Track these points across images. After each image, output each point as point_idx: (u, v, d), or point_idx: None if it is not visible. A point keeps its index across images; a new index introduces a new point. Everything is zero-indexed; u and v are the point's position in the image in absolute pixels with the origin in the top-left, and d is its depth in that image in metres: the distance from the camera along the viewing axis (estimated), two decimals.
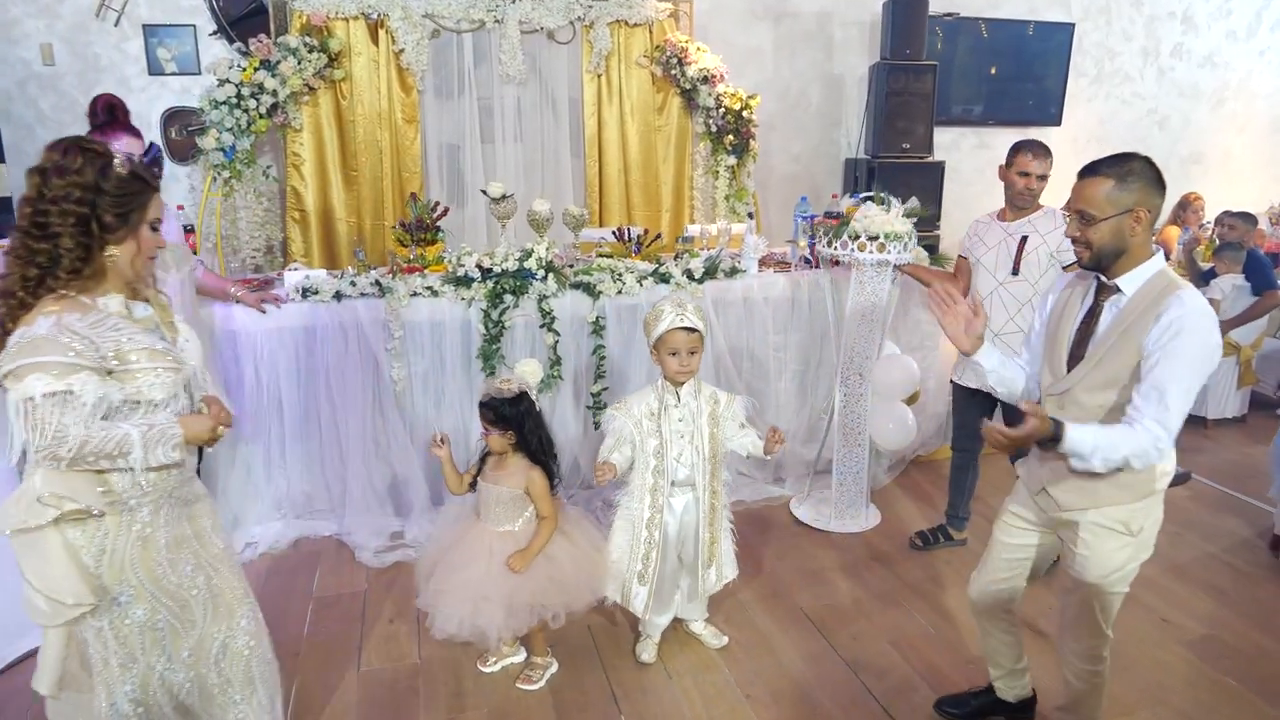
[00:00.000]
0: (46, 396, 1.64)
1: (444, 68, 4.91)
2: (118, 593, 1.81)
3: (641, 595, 2.69)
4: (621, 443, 2.65)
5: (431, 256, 3.78)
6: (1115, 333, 1.98)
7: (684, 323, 2.56)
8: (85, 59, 4.88)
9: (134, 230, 1.80)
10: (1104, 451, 1.88)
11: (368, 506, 3.59)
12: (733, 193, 5.26)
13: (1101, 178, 1.97)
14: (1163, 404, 1.87)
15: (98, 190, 1.74)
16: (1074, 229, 2.01)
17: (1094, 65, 6.47)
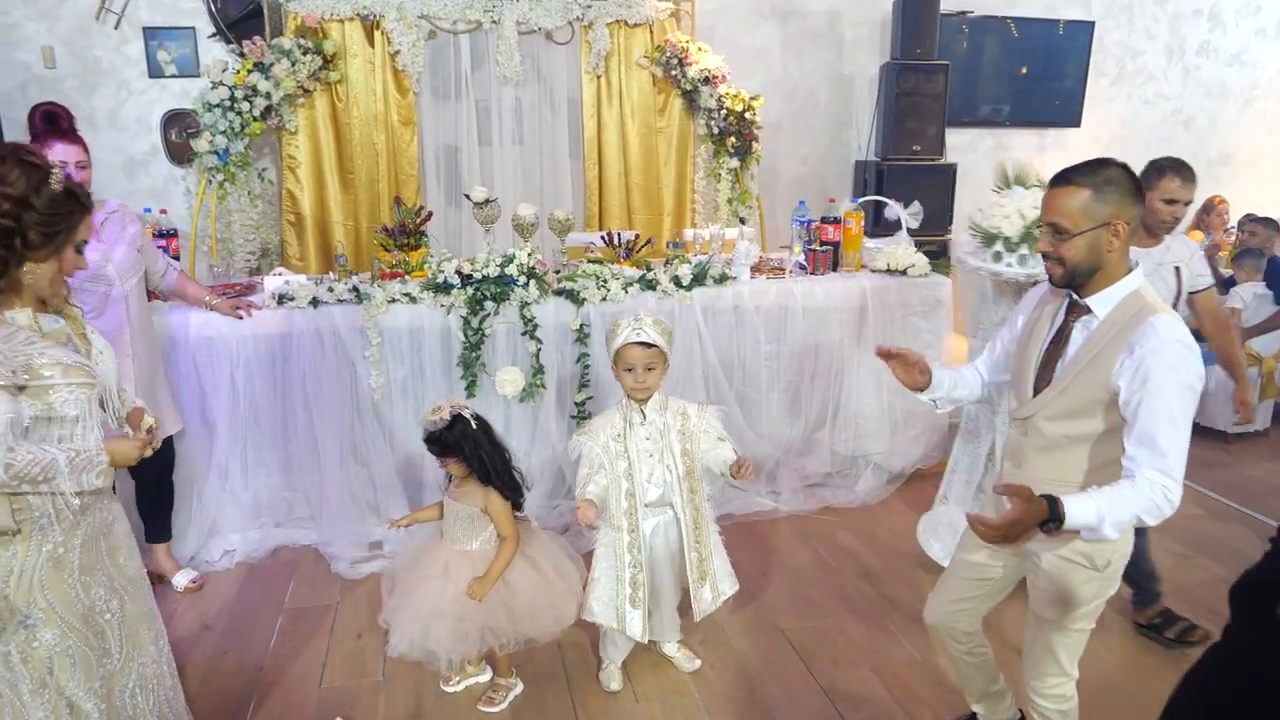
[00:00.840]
0: None
1: (441, 69, 4.86)
2: (25, 615, 1.72)
3: (636, 619, 2.58)
4: (595, 469, 2.54)
5: (415, 262, 3.71)
6: (1084, 359, 1.84)
7: (639, 337, 2.46)
8: (86, 62, 4.88)
9: (58, 250, 1.74)
10: (1113, 516, 1.72)
11: (346, 515, 3.53)
12: (735, 196, 5.14)
13: (1076, 187, 1.81)
14: (1156, 450, 1.72)
15: (26, 205, 1.67)
16: (1045, 244, 1.85)
17: (1115, 65, 6.27)
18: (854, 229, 4.09)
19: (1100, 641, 2.88)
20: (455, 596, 2.42)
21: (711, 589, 2.65)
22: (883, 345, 2.14)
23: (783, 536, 3.68)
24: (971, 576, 2.13)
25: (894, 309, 3.95)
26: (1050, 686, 2.03)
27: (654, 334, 2.48)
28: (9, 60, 4.81)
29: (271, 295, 3.41)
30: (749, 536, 3.67)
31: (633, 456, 2.53)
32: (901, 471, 4.11)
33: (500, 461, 2.50)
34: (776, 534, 3.71)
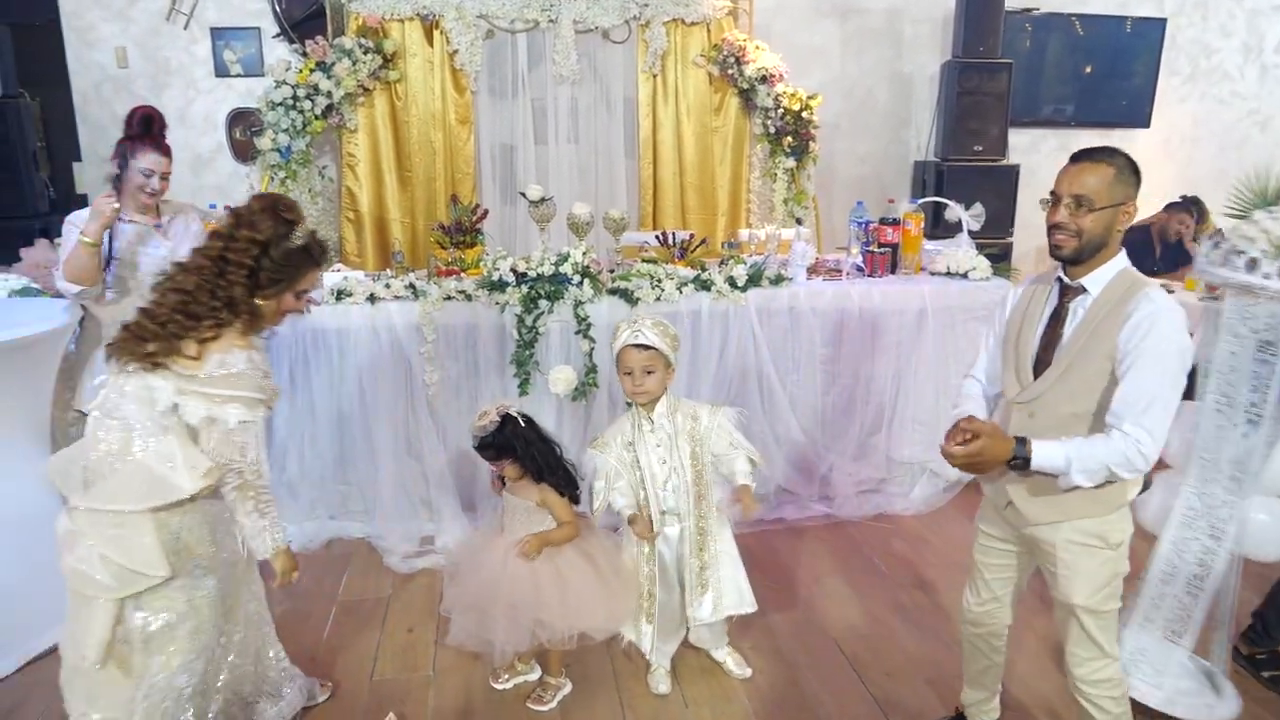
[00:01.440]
0: (240, 424, 1.95)
1: (498, 68, 4.89)
2: (192, 567, 2.00)
3: (648, 634, 2.57)
4: (614, 479, 2.52)
5: (470, 260, 3.73)
6: (1084, 334, 1.90)
7: (637, 339, 2.42)
8: (156, 62, 5.02)
9: (280, 293, 2.06)
10: (1081, 462, 1.81)
11: (399, 510, 3.57)
12: (791, 196, 5.09)
13: (1105, 164, 1.87)
14: (1138, 407, 1.79)
15: (265, 251, 1.99)
16: (1064, 215, 1.87)
17: (1188, 63, 6.06)
18: (913, 231, 4.01)
19: None
20: (511, 587, 2.41)
21: (714, 602, 2.58)
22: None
23: (835, 543, 3.63)
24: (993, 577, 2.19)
25: (954, 313, 3.87)
26: (1096, 672, 2.01)
27: (652, 336, 2.43)
28: (85, 60, 4.96)
29: (330, 291, 3.46)
30: (801, 542, 3.62)
31: (644, 464, 2.50)
32: (958, 479, 4.01)
33: (552, 457, 2.50)
34: (829, 540, 3.65)
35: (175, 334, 1.93)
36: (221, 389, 1.93)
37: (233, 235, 1.98)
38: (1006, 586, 2.19)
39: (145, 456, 1.94)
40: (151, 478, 1.93)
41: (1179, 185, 5.80)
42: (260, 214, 1.99)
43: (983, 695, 2.38)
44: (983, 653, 2.30)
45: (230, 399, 1.94)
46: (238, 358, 1.95)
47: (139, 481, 1.93)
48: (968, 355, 3.88)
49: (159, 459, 1.93)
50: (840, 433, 3.93)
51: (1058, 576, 1.99)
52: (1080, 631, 2.00)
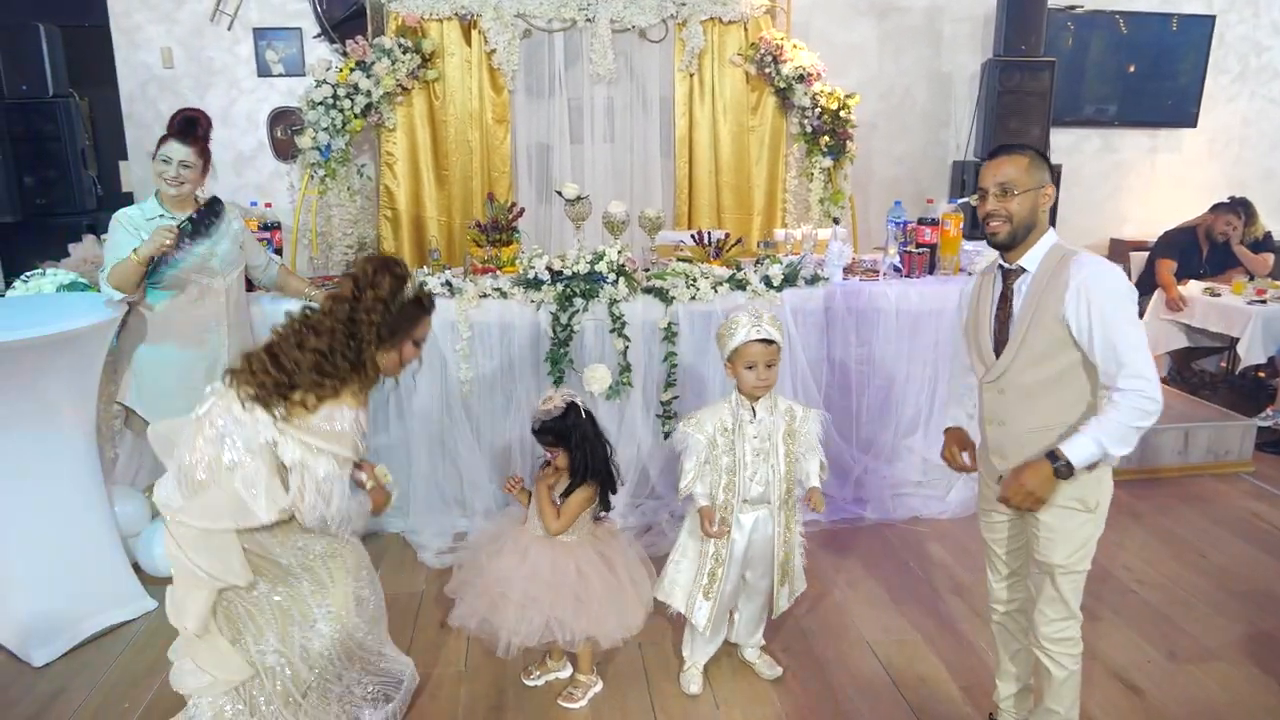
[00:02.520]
0: (327, 478, 1.99)
1: (535, 68, 4.91)
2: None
3: (705, 610, 2.57)
4: (702, 465, 2.52)
5: (506, 258, 3.75)
6: (1031, 307, 2.04)
7: (761, 334, 2.43)
8: (200, 62, 5.11)
9: (399, 344, 2.14)
10: (1110, 437, 1.93)
11: (433, 506, 3.60)
12: (828, 196, 5.05)
13: (1018, 155, 2.07)
14: (1120, 360, 1.93)
15: (386, 307, 2.08)
16: (993, 203, 2.05)
17: (1237, 61, 5.92)
18: (952, 231, 3.96)
19: (1208, 673, 2.73)
20: (529, 577, 2.42)
21: (790, 588, 2.65)
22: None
23: (870, 545, 3.59)
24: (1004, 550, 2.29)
25: None
26: (1061, 630, 2.14)
27: (773, 331, 2.46)
28: (132, 61, 5.06)
29: None
30: (835, 544, 3.59)
31: (739, 454, 2.50)
32: None
33: (600, 457, 2.52)
34: (863, 542, 3.61)
35: (304, 389, 2.01)
36: (320, 441, 2.00)
37: (357, 298, 2.07)
38: (1020, 558, 2.27)
39: (233, 478, 2.01)
40: (236, 501, 2.01)
41: (1227, 186, 5.68)
42: (379, 274, 2.08)
43: (1014, 688, 2.37)
44: (1013, 634, 2.34)
45: (324, 452, 2.00)
46: (346, 416, 2.02)
47: (223, 503, 2.02)
48: None
49: (245, 484, 2.01)
50: (875, 434, 3.89)
51: (1039, 539, 2.11)
52: (1053, 590, 2.12)
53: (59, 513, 2.84)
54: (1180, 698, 2.62)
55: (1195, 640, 2.92)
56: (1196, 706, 2.59)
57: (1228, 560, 3.46)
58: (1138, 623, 2.99)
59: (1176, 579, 3.32)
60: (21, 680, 2.70)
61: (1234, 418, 4.42)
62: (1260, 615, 3.07)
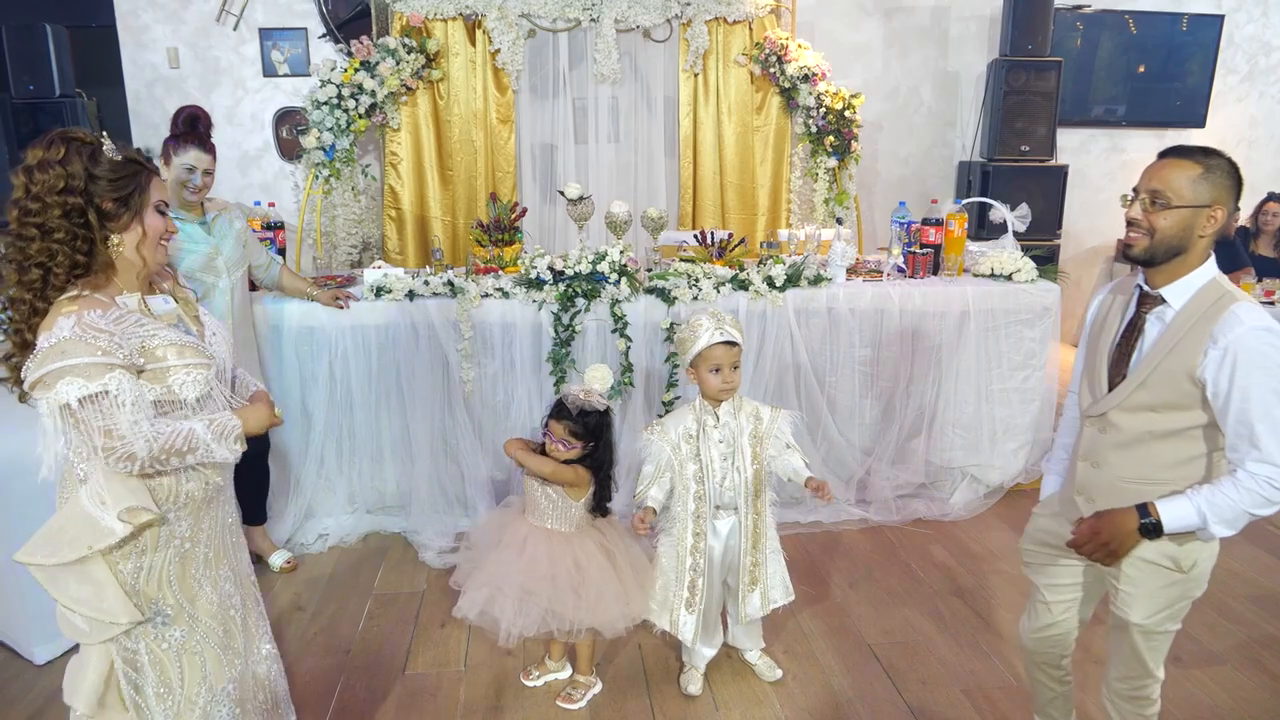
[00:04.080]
0: (83, 401, 1.56)
1: (539, 68, 4.91)
2: (153, 613, 1.71)
3: (690, 624, 2.56)
4: (661, 471, 2.51)
5: (509, 258, 3.75)
6: (1163, 350, 1.77)
7: (725, 336, 2.41)
8: (206, 62, 5.12)
9: (137, 214, 1.69)
10: (1217, 513, 1.70)
11: (434, 506, 3.59)
12: (832, 196, 5.03)
13: (1189, 162, 1.75)
14: (1254, 444, 1.67)
15: (90, 178, 1.63)
16: (1137, 210, 1.78)
17: (1246, 61, 5.89)
18: (956, 232, 3.94)
19: (1213, 677, 2.71)
20: (526, 569, 2.41)
21: (762, 595, 2.59)
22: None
23: (872, 548, 3.58)
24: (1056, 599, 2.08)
25: (997, 315, 3.79)
26: (1136, 689, 1.95)
27: (734, 332, 2.44)
28: (138, 60, 5.08)
29: (370, 287, 3.50)
30: (837, 546, 3.58)
31: (705, 459, 2.49)
32: (1000, 485, 3.94)
33: (610, 463, 2.52)
34: (866, 545, 3.60)
35: (21, 337, 1.65)
36: (47, 366, 1.57)
37: (28, 190, 1.62)
38: (1070, 609, 2.08)
39: (80, 494, 1.66)
40: (87, 519, 1.63)
41: None
42: (51, 149, 1.63)
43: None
44: (1045, 684, 2.20)
45: (60, 373, 1.56)
46: (61, 325, 1.58)
47: (74, 526, 1.64)
48: (1011, 358, 3.83)
49: (91, 496, 1.64)
50: (879, 436, 3.87)
51: (1119, 592, 1.90)
52: (1130, 649, 1.92)
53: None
54: (1185, 702, 2.60)
55: (1200, 645, 2.89)
56: (1201, 711, 2.57)
57: (1234, 564, 3.44)
58: None
59: None
60: (23, 678, 2.71)
61: None
62: (1266, 619, 3.05)
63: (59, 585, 1.65)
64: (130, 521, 1.62)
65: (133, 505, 1.61)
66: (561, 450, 2.45)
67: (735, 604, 2.62)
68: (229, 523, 1.87)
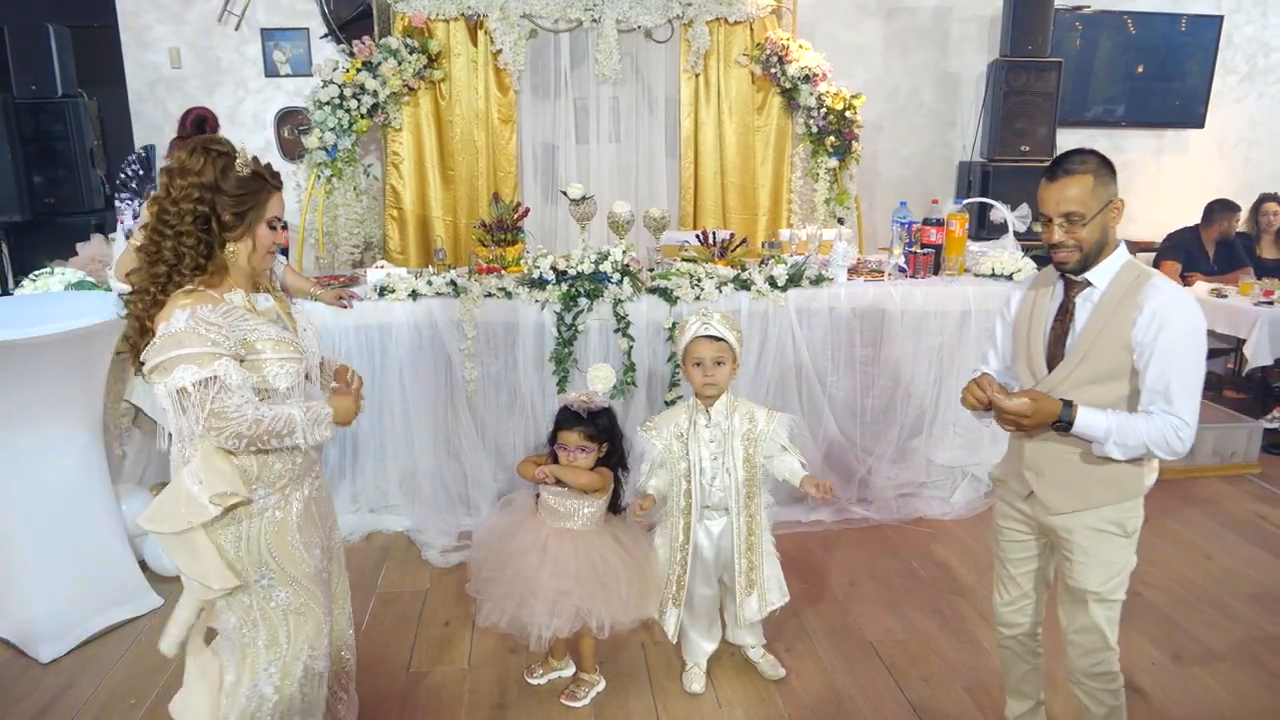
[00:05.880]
0: (196, 385, 1.75)
1: (541, 68, 4.92)
2: (259, 576, 1.90)
3: (672, 617, 2.58)
4: (657, 466, 2.54)
5: (511, 257, 3.76)
6: (1096, 327, 1.94)
7: (708, 331, 2.44)
8: (208, 62, 5.13)
9: (250, 229, 1.89)
10: (1120, 435, 1.87)
11: (438, 505, 3.61)
12: (833, 196, 5.05)
13: (1081, 175, 1.89)
14: (1168, 398, 1.85)
15: (217, 190, 1.83)
16: (1059, 234, 1.91)
17: (1245, 61, 5.90)
18: (957, 232, 3.96)
19: (1212, 674, 2.73)
20: (555, 572, 2.41)
21: (759, 598, 2.60)
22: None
23: (874, 546, 3.59)
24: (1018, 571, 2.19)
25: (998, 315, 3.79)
26: (1099, 664, 2.05)
27: (722, 329, 2.46)
28: (140, 61, 5.09)
29: (373, 287, 3.51)
30: (839, 544, 3.59)
31: (694, 458, 2.50)
32: None
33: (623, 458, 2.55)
34: (867, 543, 3.61)
35: (141, 322, 1.84)
36: (165, 354, 1.75)
37: (169, 191, 1.82)
38: (1031, 580, 2.20)
39: (185, 471, 1.83)
40: (188, 497, 1.82)
41: (1234, 187, 5.66)
42: (192, 157, 1.83)
43: (1026, 705, 2.33)
44: (1020, 656, 2.27)
45: (176, 361, 1.74)
46: (177, 317, 1.77)
47: (178, 500, 1.83)
48: None
49: (191, 476, 1.82)
50: (880, 435, 3.89)
51: (1073, 564, 2.02)
52: (1087, 620, 2.03)
53: (66, 510, 2.85)
54: (1184, 700, 2.61)
55: (1200, 643, 2.91)
56: (1201, 709, 2.58)
57: (1233, 562, 3.45)
58: (1142, 625, 2.98)
59: (1181, 581, 3.31)
60: (29, 675, 2.72)
61: (1240, 419, 4.40)
62: (1266, 618, 3.06)
63: (172, 549, 1.87)
64: (220, 504, 1.82)
65: (223, 490, 1.81)
66: (581, 457, 2.45)
67: (733, 605, 2.63)
68: (318, 496, 2.04)
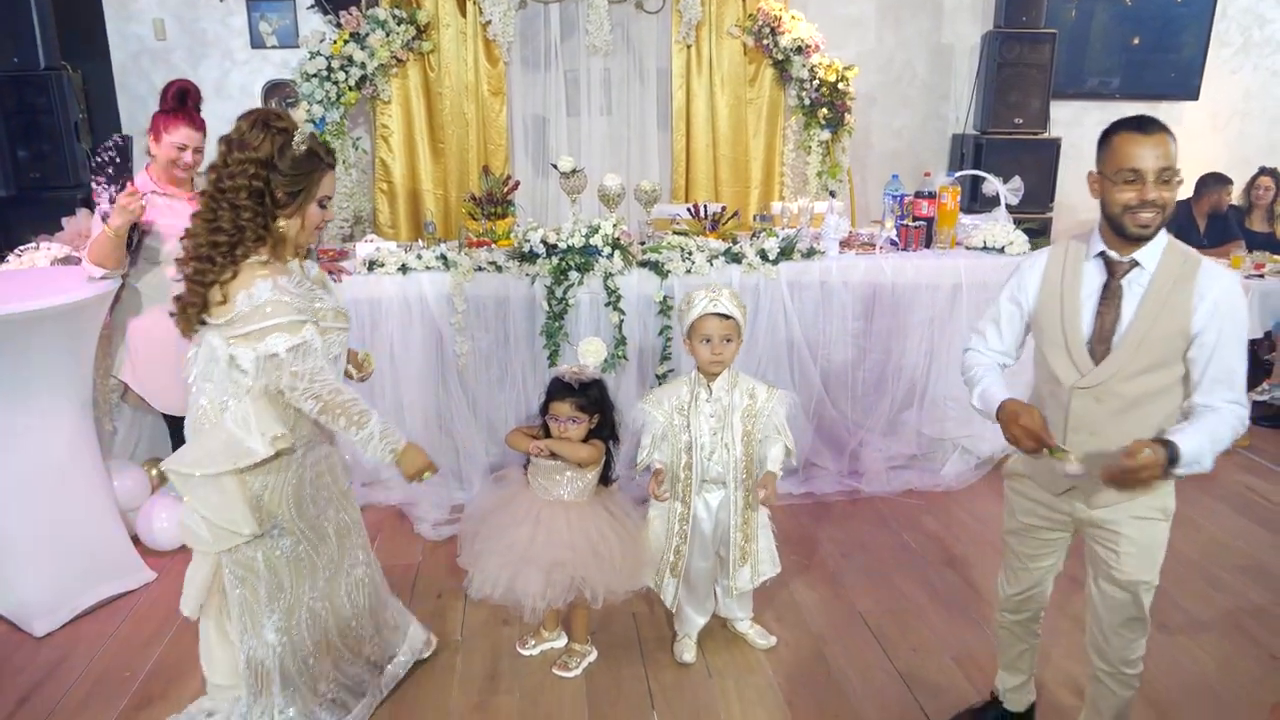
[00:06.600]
0: (290, 351, 1.90)
1: (531, 39, 4.87)
2: (272, 525, 2.04)
3: (671, 587, 2.61)
4: (659, 440, 2.54)
5: (501, 231, 3.74)
6: (1149, 315, 1.82)
7: (717, 308, 2.43)
8: (193, 34, 5.06)
9: (301, 207, 1.98)
10: (1213, 446, 1.79)
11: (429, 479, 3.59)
12: (825, 169, 5.02)
13: (1166, 133, 1.79)
14: (1233, 385, 1.80)
15: (271, 166, 1.91)
16: (1155, 191, 1.77)
17: (1240, 33, 5.86)
18: (949, 204, 3.95)
19: (1199, 644, 2.76)
20: (549, 542, 2.42)
21: (752, 569, 2.63)
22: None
23: (864, 518, 3.61)
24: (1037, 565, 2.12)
25: (989, 288, 3.80)
26: (1138, 650, 2.01)
27: (731, 306, 2.45)
28: (124, 32, 5.02)
29: (362, 261, 3.49)
30: (829, 516, 3.61)
31: (694, 432, 2.51)
32: (990, 456, 3.98)
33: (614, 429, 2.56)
34: (858, 515, 3.63)
35: (202, 284, 1.91)
36: (255, 324, 1.89)
37: (226, 163, 1.90)
38: (1049, 574, 2.14)
39: (226, 417, 1.96)
40: (231, 440, 1.95)
41: (1228, 160, 5.65)
42: (251, 131, 1.90)
43: (1019, 679, 2.32)
44: (1020, 638, 2.26)
45: (267, 330, 1.89)
46: (260, 288, 1.89)
47: (218, 444, 1.96)
48: None
49: (236, 421, 1.95)
50: (871, 408, 3.90)
51: (1121, 556, 1.92)
52: (1137, 612, 1.95)
53: (58, 486, 2.85)
54: (1172, 670, 2.64)
55: (1187, 613, 2.94)
56: (1187, 677, 2.61)
57: (1222, 534, 3.48)
58: None
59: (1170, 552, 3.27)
60: (23, 650, 2.73)
61: None
62: (1253, 589, 3.09)
63: (197, 493, 1.98)
64: (274, 446, 1.94)
65: (280, 432, 1.95)
66: (571, 428, 2.46)
67: (726, 577, 2.65)
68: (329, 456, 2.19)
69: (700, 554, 2.62)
